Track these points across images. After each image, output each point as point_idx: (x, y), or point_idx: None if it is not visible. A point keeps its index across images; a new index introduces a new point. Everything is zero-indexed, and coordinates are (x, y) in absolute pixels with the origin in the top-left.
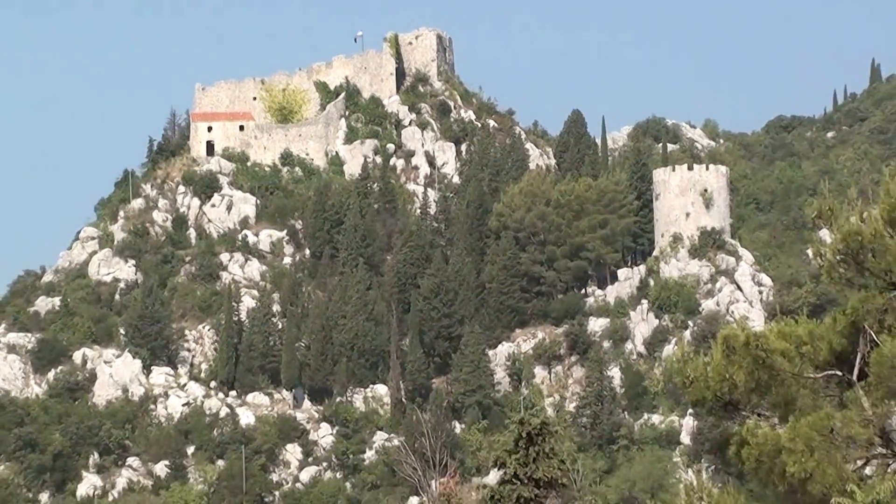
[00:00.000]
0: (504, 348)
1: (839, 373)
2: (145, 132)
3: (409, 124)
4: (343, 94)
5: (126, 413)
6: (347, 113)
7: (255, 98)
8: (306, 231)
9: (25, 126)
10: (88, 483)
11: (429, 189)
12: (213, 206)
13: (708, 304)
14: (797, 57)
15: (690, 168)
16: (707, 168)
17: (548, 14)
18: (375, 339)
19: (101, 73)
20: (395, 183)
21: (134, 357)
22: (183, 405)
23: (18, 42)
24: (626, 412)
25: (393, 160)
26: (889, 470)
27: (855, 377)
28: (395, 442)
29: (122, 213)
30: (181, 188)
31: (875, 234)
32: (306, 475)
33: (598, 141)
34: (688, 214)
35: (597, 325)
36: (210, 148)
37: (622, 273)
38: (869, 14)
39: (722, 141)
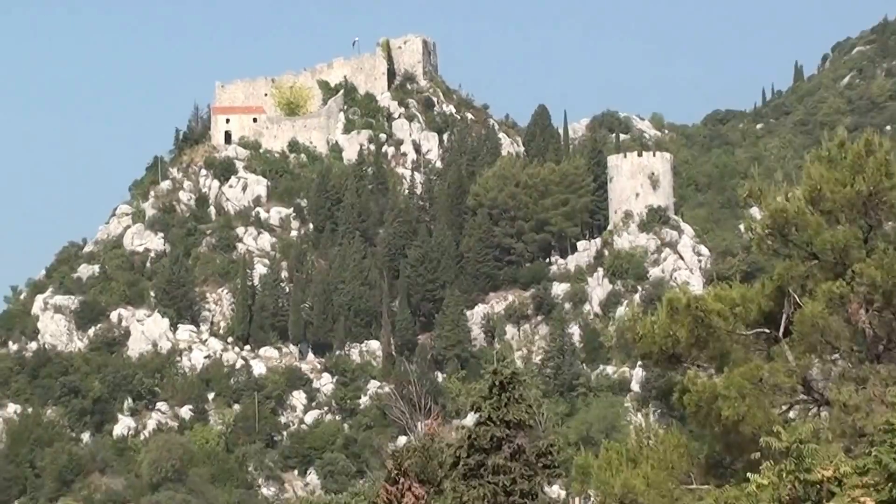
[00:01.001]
0: (480, 309)
1: (767, 330)
2: (172, 124)
3: (399, 117)
4: (342, 91)
5: (155, 364)
6: (345, 107)
7: (266, 94)
8: (310, 208)
9: (70, 117)
10: (123, 424)
11: (415, 172)
12: (231, 186)
13: (654, 272)
14: (732, 59)
15: (640, 155)
16: (654, 155)
17: (518, 21)
18: (369, 301)
19: (135, 72)
20: (387, 167)
21: (162, 316)
22: (204, 357)
23: (67, 43)
24: (584, 364)
25: (385, 147)
26: (810, 413)
27: (780, 334)
28: (386, 389)
29: (152, 193)
30: (203, 172)
31: (798, 211)
32: (310, 418)
33: (561, 131)
34: (637, 194)
35: (559, 289)
36: (228, 137)
37: (581, 245)
38: (793, 22)
39: (666, 131)
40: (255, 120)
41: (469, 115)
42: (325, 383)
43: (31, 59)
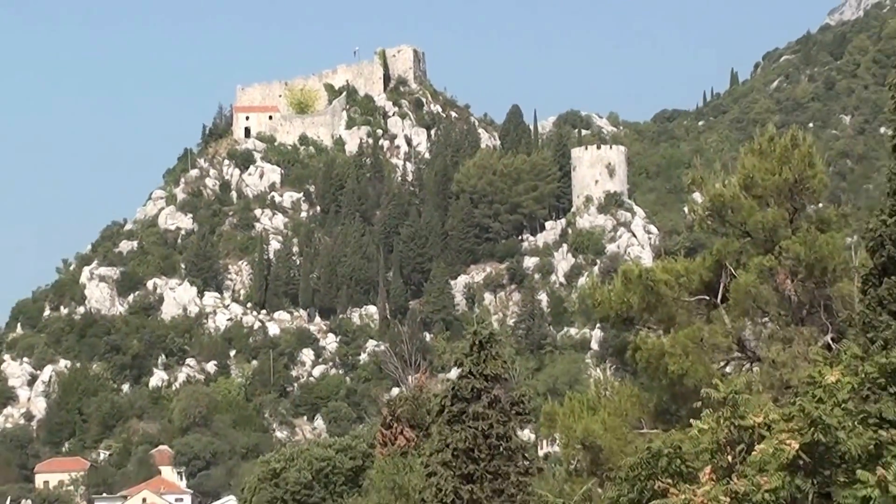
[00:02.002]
0: (462, 279)
1: (707, 297)
2: (200, 121)
3: (393, 115)
4: (344, 93)
5: (185, 326)
6: (347, 107)
7: (280, 96)
8: (317, 193)
9: (114, 115)
10: (157, 377)
11: (407, 162)
12: (249, 174)
13: (611, 248)
14: (677, 65)
15: (598, 147)
16: (610, 148)
17: (495, 34)
18: (367, 272)
19: (168, 76)
20: (383, 158)
21: (191, 285)
22: (227, 320)
23: (111, 53)
24: (550, 326)
25: (381, 141)
26: (744, 369)
27: (718, 300)
28: (382, 347)
29: (182, 180)
30: (226, 161)
31: (733, 196)
32: (317, 371)
33: (532, 127)
34: (596, 181)
35: (530, 262)
36: (247, 132)
37: (548, 224)
38: (729, 34)
39: (621, 128)
40: (270, 118)
41: (453, 114)
42: (330, 342)
43: (83, 65)
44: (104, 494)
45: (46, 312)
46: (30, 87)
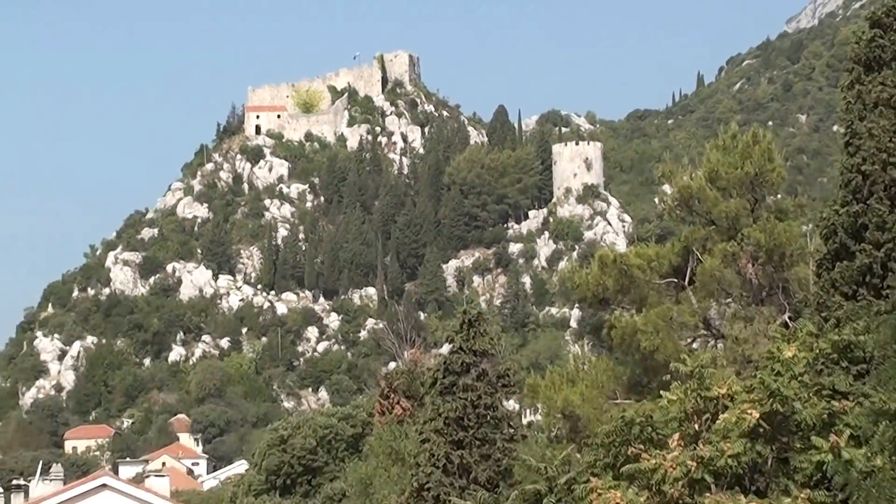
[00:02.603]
0: (453, 263)
1: (676, 280)
2: (214, 119)
3: (390, 114)
4: (346, 94)
5: (201, 305)
6: (349, 106)
7: (287, 96)
8: (321, 185)
9: (136, 114)
10: (176, 353)
11: (403, 157)
12: (260, 168)
13: (588, 235)
14: (649, 69)
15: (577, 144)
16: (588, 144)
17: (482, 40)
18: (367, 256)
19: (185, 79)
20: (381, 153)
21: (206, 268)
22: (239, 301)
23: (133, 57)
24: (533, 306)
25: (379, 138)
26: (709, 345)
27: (686, 283)
28: (380, 325)
29: (199, 173)
30: (238, 156)
31: (700, 188)
32: (321, 347)
33: (516, 125)
34: (575, 174)
35: (515, 248)
36: (257, 129)
37: (531, 213)
38: (696, 41)
39: (598, 125)
40: (278, 116)
41: (444, 113)
42: (333, 320)
43: (110, 68)
44: (127, 459)
45: (75, 293)
46: (62, 85)
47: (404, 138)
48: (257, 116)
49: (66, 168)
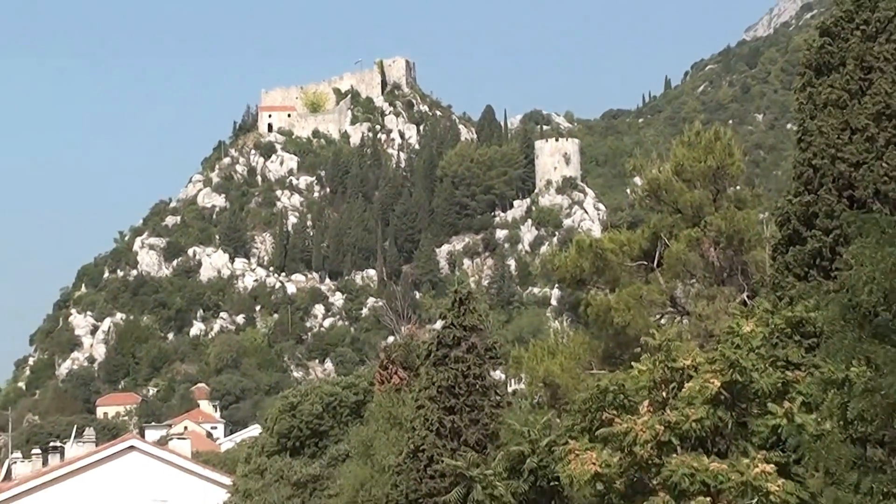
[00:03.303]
0: (445, 247)
1: (645, 262)
2: (231, 118)
3: (389, 114)
4: (349, 96)
5: (219, 285)
6: (352, 107)
7: (297, 98)
8: (327, 177)
9: (159, 115)
10: (196, 328)
11: (400, 152)
12: (272, 161)
13: (567, 222)
14: (621, 73)
15: (556, 140)
16: (567, 140)
17: (471, 47)
18: (368, 241)
19: (205, 82)
20: (380, 149)
21: (224, 252)
22: (253, 281)
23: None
24: (518, 286)
25: (379, 135)
26: (675, 321)
27: (655, 265)
28: (380, 303)
29: (217, 166)
30: (252, 151)
31: (667, 180)
32: (327, 323)
33: (502, 123)
34: (555, 168)
35: (501, 234)
36: (270, 127)
37: (516, 203)
38: (664, 47)
39: (575, 124)
40: (288, 115)
41: (437, 113)
42: (338, 299)
43: (136, 72)
44: (153, 424)
45: (105, 275)
46: (96, 87)
47: (401, 135)
48: (269, 116)
49: (98, 161)
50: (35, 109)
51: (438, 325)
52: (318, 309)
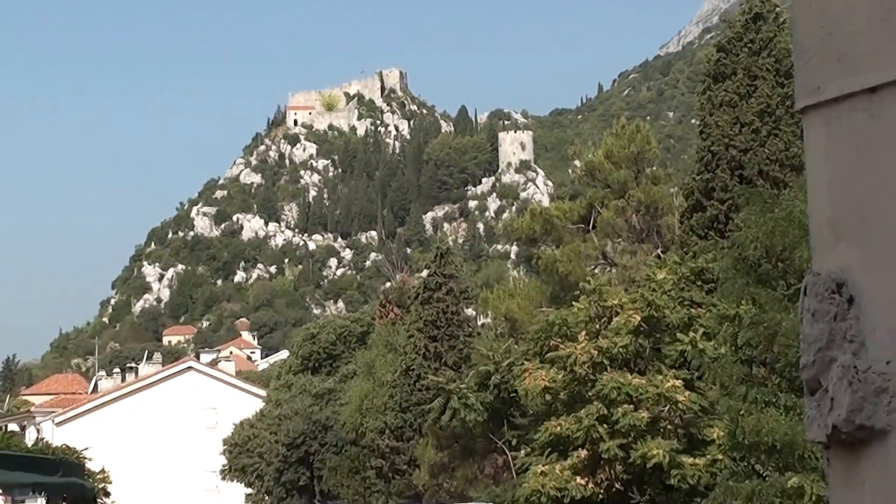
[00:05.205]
0: (430, 214)
1: (583, 226)
2: (265, 115)
3: (386, 112)
4: (356, 98)
5: (256, 243)
6: (358, 106)
7: (316, 99)
8: (339, 160)
9: (215, 112)
10: (239, 276)
11: (395, 142)
12: (296, 149)
13: (523, 195)
14: (565, 79)
15: (515, 132)
16: (523, 132)
17: (450, 59)
18: (370, 210)
19: (247, 87)
20: (380, 139)
21: (260, 218)
22: (283, 240)
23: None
24: (485, 243)
25: (379, 128)
26: (605, 271)
27: (590, 228)
28: (380, 257)
29: (255, 152)
30: (282, 141)
31: (599, 162)
32: (339, 272)
33: (473, 119)
34: (514, 153)
35: (472, 204)
36: (295, 122)
37: (484, 180)
38: (598, 59)
39: (530, 119)
40: (309, 113)
41: (424, 111)
42: (347, 254)
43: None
44: (205, 349)
45: (169, 235)
46: (166, 89)
47: (396, 129)
48: (295, 113)
49: (166, 147)
50: (128, 109)
51: (424, 273)
52: (332, 262)
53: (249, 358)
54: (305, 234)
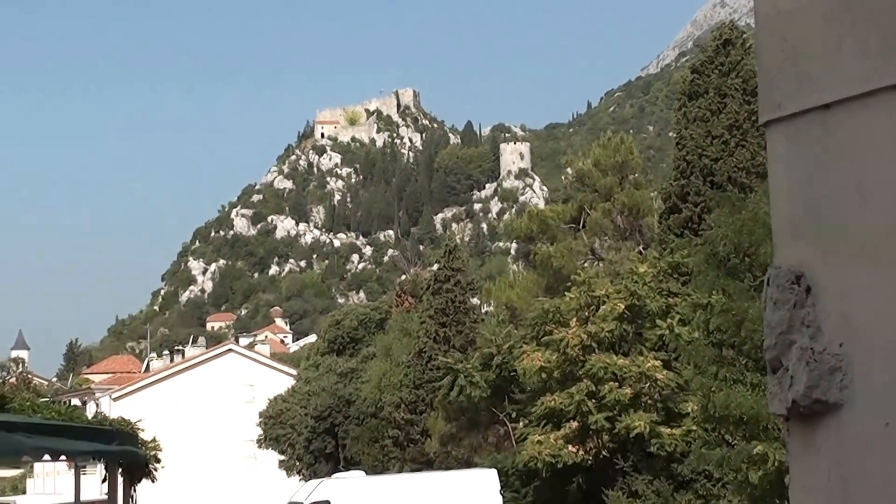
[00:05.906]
0: (440, 216)
1: (574, 225)
2: (296, 128)
3: (402, 126)
4: (375, 114)
5: (288, 241)
6: (377, 121)
7: (340, 115)
8: (361, 169)
9: (252, 126)
10: (273, 269)
11: (410, 152)
12: (324, 158)
13: (522, 199)
14: (557, 96)
15: (515, 143)
16: (522, 143)
17: (457, 81)
18: (388, 212)
19: (281, 105)
20: (396, 150)
21: (291, 219)
22: (311, 238)
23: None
24: (488, 241)
25: (395, 140)
26: (594, 265)
27: (581, 227)
28: (396, 254)
29: (287, 161)
30: (311, 151)
31: (588, 170)
32: (360, 266)
33: (478, 132)
34: (514, 162)
35: (477, 206)
36: (322, 135)
37: (488, 185)
38: (588, 79)
39: (528, 132)
40: (335, 127)
41: (435, 125)
42: (368, 250)
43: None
44: (244, 334)
45: (212, 234)
46: (214, 100)
47: (410, 140)
48: (322, 127)
49: (210, 156)
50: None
51: (435, 267)
52: (355, 257)
53: (282, 341)
54: (331, 233)
